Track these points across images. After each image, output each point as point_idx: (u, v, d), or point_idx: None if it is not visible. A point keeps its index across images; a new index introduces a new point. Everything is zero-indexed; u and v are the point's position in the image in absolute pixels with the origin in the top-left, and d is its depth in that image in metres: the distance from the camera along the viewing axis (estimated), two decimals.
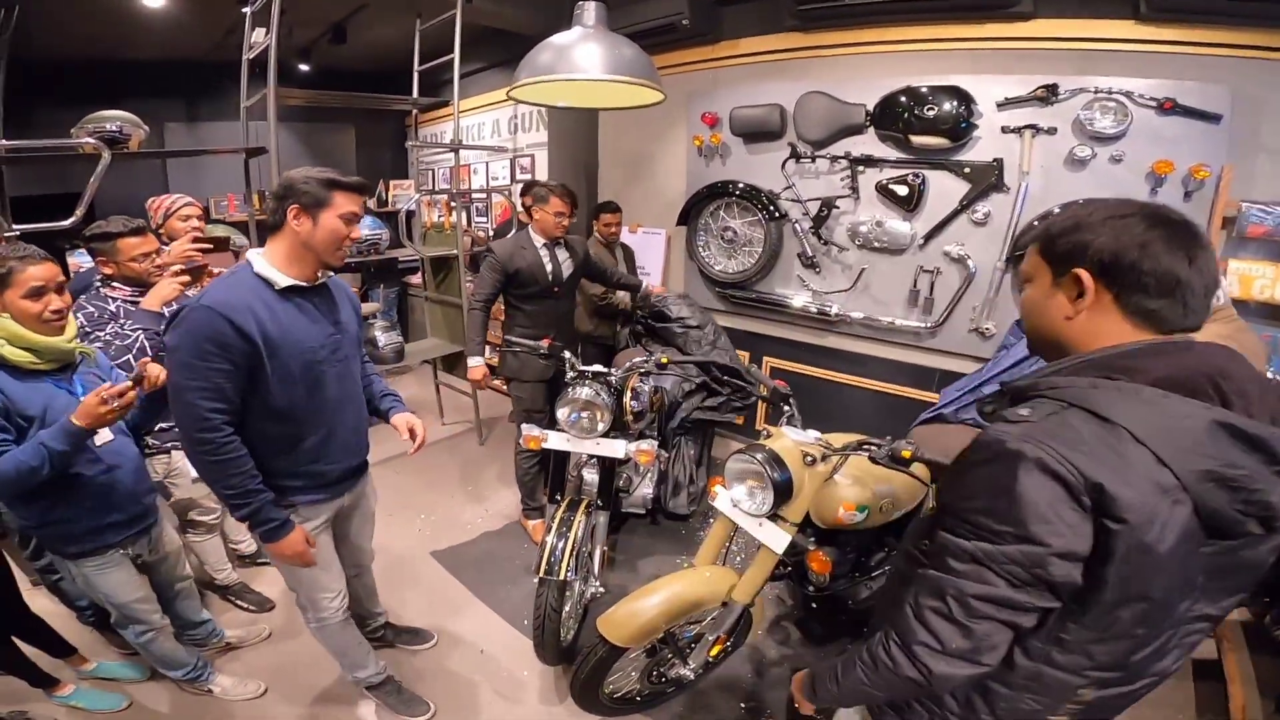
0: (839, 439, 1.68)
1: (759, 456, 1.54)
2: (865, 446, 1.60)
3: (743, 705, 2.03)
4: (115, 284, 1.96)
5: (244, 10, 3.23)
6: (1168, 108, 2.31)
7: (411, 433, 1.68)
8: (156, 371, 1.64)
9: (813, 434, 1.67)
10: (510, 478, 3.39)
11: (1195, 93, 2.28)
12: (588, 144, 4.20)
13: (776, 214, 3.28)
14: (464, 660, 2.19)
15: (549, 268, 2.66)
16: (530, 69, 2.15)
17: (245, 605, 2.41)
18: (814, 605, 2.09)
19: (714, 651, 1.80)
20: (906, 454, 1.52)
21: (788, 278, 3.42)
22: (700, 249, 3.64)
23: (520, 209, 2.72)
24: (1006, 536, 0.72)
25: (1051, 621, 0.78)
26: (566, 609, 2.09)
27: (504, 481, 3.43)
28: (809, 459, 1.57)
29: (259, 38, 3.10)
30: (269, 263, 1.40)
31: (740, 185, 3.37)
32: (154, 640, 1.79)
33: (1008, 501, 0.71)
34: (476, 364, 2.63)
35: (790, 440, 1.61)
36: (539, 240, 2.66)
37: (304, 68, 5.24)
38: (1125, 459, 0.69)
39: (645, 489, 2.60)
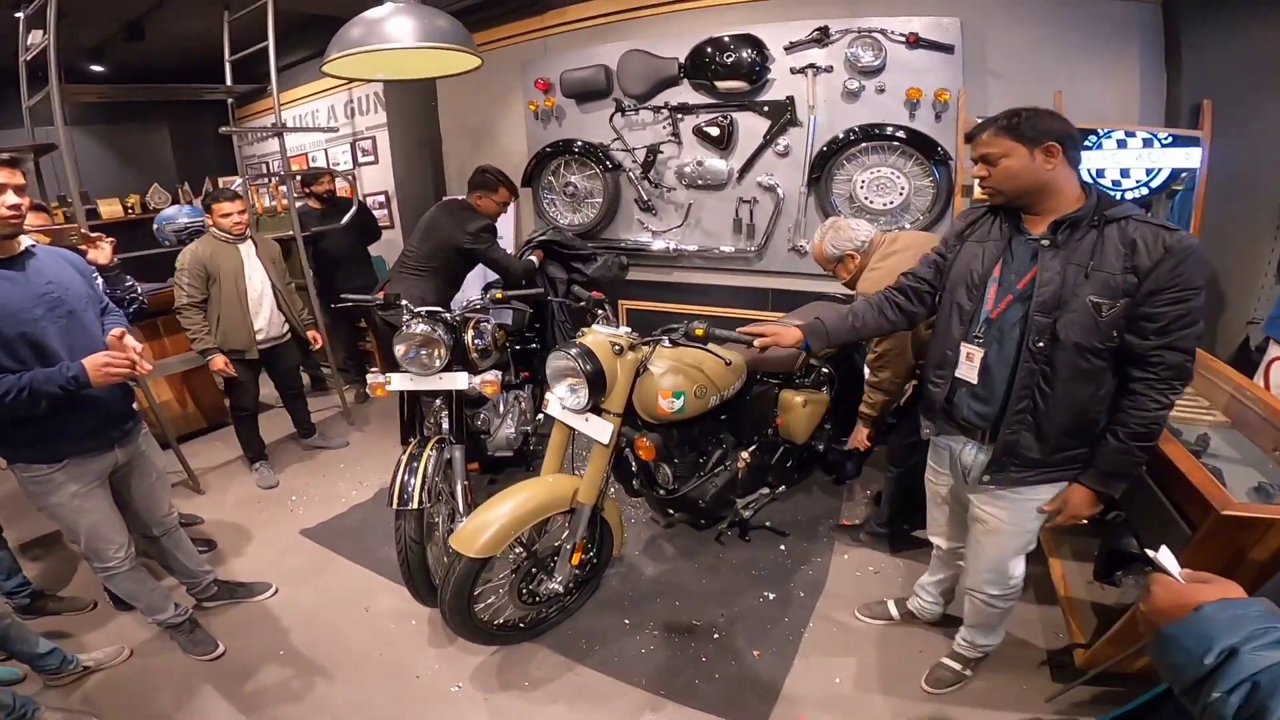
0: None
1: (572, 352, 1.70)
2: (666, 331, 1.81)
3: (626, 621, 2.13)
4: None
5: (17, 15, 2.93)
6: (912, 41, 2.71)
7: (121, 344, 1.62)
8: None
9: (624, 330, 1.84)
10: (381, 452, 3.36)
11: (933, 27, 2.68)
12: (428, 120, 4.19)
13: (611, 165, 3.48)
14: (350, 622, 2.18)
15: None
16: (340, 44, 2.18)
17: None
18: (671, 511, 2.23)
19: (575, 560, 1.88)
20: (699, 331, 1.74)
21: (629, 223, 3.64)
22: (547, 207, 3.80)
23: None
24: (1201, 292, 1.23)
25: None
26: (436, 552, 2.13)
27: (374, 457, 3.40)
28: (617, 348, 1.75)
29: (36, 39, 2.82)
30: None
31: (577, 143, 3.53)
32: None
33: (1204, 275, 1.22)
34: None
35: (601, 335, 1.78)
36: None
37: (98, 68, 4.78)
38: None
39: (507, 429, 2.69)
